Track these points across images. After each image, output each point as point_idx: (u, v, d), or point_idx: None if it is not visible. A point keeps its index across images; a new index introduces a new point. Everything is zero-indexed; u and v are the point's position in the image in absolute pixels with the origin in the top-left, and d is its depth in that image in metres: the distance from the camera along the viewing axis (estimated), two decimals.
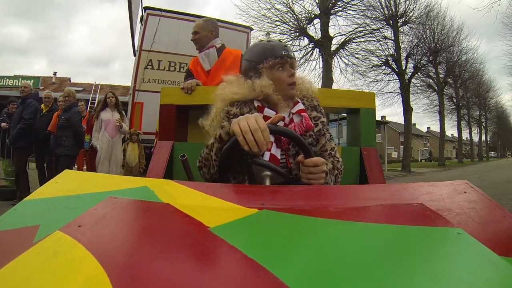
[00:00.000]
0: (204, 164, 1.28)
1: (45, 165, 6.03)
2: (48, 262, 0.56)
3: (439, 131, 28.47)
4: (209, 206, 0.83)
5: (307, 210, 0.81)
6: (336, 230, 0.70)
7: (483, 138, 52.37)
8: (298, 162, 1.20)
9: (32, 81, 19.82)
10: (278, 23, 14.77)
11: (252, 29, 8.11)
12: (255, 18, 14.51)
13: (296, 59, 1.46)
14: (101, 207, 0.76)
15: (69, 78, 25.20)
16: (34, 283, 0.51)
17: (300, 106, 1.39)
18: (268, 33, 13.43)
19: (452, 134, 58.13)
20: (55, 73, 24.19)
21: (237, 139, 1.07)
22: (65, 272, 0.54)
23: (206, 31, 2.59)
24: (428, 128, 60.41)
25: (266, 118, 1.18)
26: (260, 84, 1.34)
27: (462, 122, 34.43)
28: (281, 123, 1.25)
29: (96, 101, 9.60)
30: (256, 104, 1.37)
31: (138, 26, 7.26)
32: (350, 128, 2.14)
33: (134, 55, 7.16)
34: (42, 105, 5.90)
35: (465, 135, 40.09)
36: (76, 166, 6.19)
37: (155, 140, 5.49)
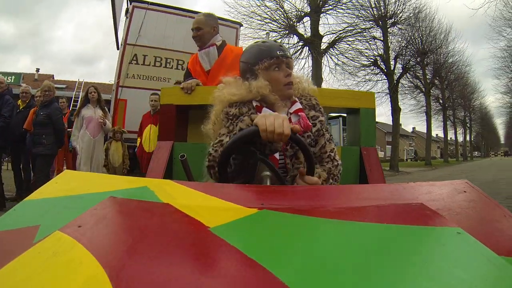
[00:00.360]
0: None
1: (21, 166, 5.62)
2: (48, 262, 0.56)
3: (424, 131, 28.92)
4: (209, 206, 0.82)
5: (307, 210, 0.81)
6: (335, 230, 0.70)
7: (468, 138, 53.69)
8: (299, 173, 1.20)
9: (13, 77, 19.07)
10: (267, 20, 14.76)
11: (241, 25, 7.98)
12: (244, 15, 14.45)
13: (292, 58, 1.46)
14: (101, 207, 0.75)
15: (53, 75, 23.89)
16: (34, 283, 0.51)
17: (297, 105, 1.39)
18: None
19: (436, 134, 59.15)
20: (37, 70, 22.97)
21: (258, 130, 1.07)
22: (65, 272, 0.53)
23: (208, 27, 2.41)
24: (414, 128, 61.42)
25: None
26: (256, 85, 1.34)
27: (447, 122, 35.05)
28: None
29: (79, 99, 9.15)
30: (254, 104, 1.37)
31: (123, 19, 6.96)
32: (350, 128, 2.17)
33: (118, 49, 6.85)
34: (19, 101, 5.49)
35: (449, 135, 40.93)
36: (56, 167, 5.77)
37: (138, 140, 5.25)
